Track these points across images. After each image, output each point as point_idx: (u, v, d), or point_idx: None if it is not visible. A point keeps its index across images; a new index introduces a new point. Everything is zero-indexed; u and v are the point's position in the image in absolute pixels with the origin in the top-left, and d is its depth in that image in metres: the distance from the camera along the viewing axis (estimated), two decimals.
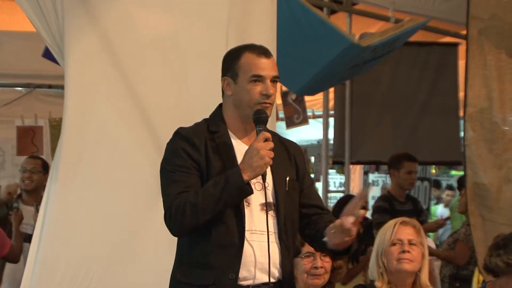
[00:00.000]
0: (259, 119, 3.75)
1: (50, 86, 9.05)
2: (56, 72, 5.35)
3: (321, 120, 9.30)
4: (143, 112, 4.94)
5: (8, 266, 6.83)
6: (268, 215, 3.80)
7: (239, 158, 3.76)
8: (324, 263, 4.58)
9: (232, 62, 3.86)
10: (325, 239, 3.76)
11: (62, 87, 5.13)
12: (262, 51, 3.84)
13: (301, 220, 3.99)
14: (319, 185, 10.13)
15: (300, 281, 4.53)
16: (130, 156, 4.90)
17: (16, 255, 6.73)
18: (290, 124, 9.64)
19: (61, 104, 5.10)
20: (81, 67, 4.91)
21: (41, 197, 7.08)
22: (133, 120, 4.94)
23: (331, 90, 9.05)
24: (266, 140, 3.69)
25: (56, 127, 9.01)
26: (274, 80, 3.80)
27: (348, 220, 3.59)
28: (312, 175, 13.41)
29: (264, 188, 3.79)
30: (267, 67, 3.79)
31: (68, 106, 4.94)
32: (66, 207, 4.90)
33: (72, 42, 4.87)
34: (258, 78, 3.77)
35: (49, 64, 6.36)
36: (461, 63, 8.11)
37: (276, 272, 3.81)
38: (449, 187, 14.61)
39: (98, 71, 4.93)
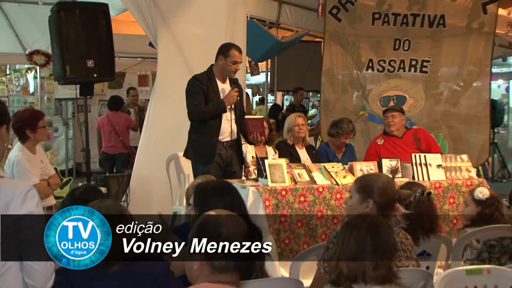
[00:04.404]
0: (234, 82, 3.78)
1: (152, 58, 8.84)
2: (154, 51, 5.21)
3: (264, 72, 9.24)
4: (190, 71, 4.76)
5: (131, 133, 6.70)
6: (232, 113, 3.80)
7: (221, 91, 3.76)
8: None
9: (227, 50, 3.81)
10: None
11: None
12: (239, 50, 3.80)
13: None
14: None
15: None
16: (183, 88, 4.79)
17: (136, 128, 6.69)
18: (252, 74, 9.52)
19: (156, 66, 5.05)
20: (164, 50, 4.81)
21: (136, 105, 7.02)
22: (185, 74, 4.77)
23: (270, 60, 8.94)
24: (235, 91, 3.72)
25: (154, 75, 8.87)
26: (240, 63, 3.80)
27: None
28: (260, 96, 13.38)
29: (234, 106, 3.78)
30: (239, 57, 3.77)
31: (159, 68, 4.88)
32: (159, 108, 4.85)
33: (160, 38, 4.77)
34: (235, 62, 3.76)
35: (151, 48, 6.21)
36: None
37: (234, 134, 3.84)
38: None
39: (171, 53, 4.82)
